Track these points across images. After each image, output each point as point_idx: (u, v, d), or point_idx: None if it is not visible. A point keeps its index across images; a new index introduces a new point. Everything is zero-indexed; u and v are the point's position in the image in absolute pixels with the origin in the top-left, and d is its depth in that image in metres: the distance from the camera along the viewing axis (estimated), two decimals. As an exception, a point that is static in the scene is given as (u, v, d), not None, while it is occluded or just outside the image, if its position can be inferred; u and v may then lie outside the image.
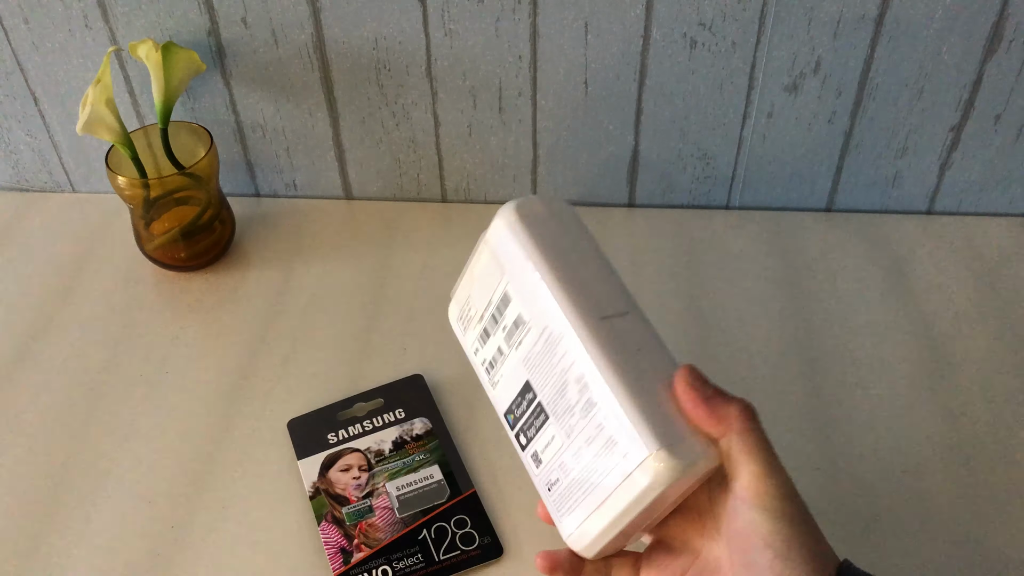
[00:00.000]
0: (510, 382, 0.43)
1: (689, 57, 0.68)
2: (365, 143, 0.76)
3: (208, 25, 0.70)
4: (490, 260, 0.44)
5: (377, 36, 0.69)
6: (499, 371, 0.44)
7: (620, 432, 0.37)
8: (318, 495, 0.56)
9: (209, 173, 0.69)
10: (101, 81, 0.65)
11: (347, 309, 0.69)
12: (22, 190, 0.83)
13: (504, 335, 0.43)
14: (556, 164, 0.76)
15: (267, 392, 0.63)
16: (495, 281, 0.43)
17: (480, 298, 0.45)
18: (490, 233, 0.44)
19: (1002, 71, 0.67)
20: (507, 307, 0.43)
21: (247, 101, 0.74)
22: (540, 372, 0.41)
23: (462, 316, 0.47)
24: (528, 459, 0.43)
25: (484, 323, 0.44)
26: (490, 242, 0.44)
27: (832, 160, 0.74)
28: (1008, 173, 0.73)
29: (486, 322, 0.44)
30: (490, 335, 0.44)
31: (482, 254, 0.44)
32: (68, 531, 0.55)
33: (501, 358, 0.43)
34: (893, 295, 0.69)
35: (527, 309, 0.41)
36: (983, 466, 0.56)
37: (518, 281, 0.42)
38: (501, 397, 0.44)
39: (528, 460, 0.43)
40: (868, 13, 0.65)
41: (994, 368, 0.63)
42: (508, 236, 0.43)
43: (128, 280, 0.72)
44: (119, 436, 0.60)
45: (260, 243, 0.76)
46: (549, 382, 0.40)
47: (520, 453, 0.43)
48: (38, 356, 0.66)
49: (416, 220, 0.78)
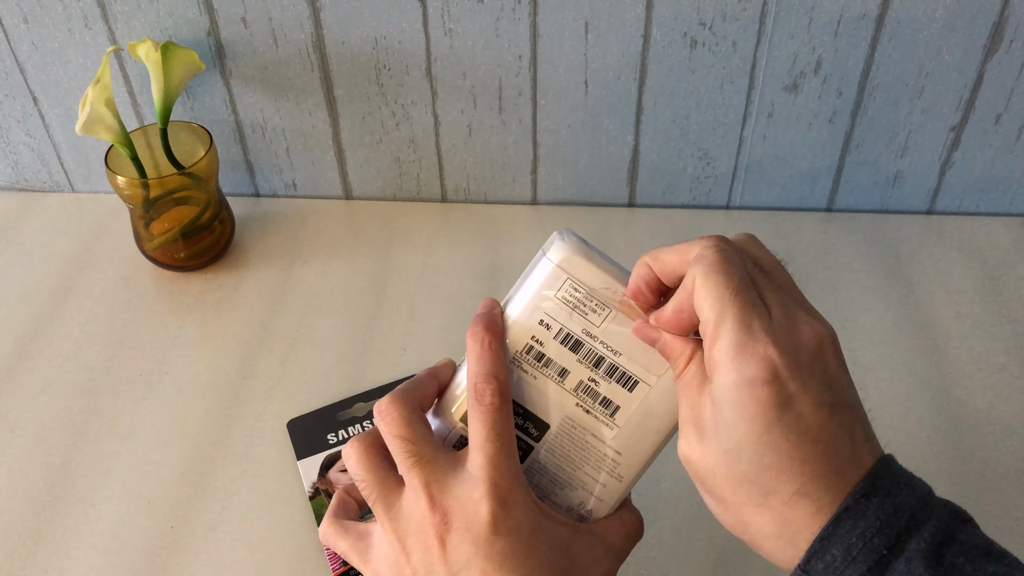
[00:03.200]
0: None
1: (689, 57, 0.68)
2: (365, 143, 0.76)
3: (207, 25, 0.70)
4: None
5: (377, 36, 0.69)
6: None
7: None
8: (318, 495, 0.56)
9: (209, 173, 0.69)
10: (100, 81, 0.65)
11: (347, 309, 0.69)
12: (21, 190, 0.83)
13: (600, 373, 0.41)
14: (556, 164, 0.76)
15: (267, 392, 0.63)
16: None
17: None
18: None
19: (1002, 71, 0.67)
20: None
21: (247, 101, 0.74)
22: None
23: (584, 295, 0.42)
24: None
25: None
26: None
27: (832, 160, 0.73)
28: (1008, 173, 0.73)
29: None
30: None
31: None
32: (68, 531, 0.55)
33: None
34: (893, 295, 0.69)
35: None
36: (983, 466, 0.56)
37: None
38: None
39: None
40: (868, 13, 0.65)
41: (994, 368, 0.63)
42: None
43: (128, 280, 0.72)
44: (119, 436, 0.60)
45: (260, 243, 0.76)
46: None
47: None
48: (38, 356, 0.66)
49: (416, 220, 0.78)
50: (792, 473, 0.34)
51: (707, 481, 0.36)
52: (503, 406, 0.38)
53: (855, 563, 0.33)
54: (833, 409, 0.34)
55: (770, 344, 0.34)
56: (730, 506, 0.36)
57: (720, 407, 0.35)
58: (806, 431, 0.34)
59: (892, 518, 0.33)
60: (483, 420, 0.38)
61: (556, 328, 0.41)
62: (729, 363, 0.34)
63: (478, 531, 0.36)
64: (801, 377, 0.34)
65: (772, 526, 0.34)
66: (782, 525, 0.34)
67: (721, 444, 0.35)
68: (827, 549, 0.33)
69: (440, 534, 0.36)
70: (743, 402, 0.34)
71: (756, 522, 0.35)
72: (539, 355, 0.41)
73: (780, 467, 0.34)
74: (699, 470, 0.36)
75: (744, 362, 0.34)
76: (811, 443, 0.34)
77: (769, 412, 0.33)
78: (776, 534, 0.34)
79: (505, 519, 0.36)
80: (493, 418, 0.38)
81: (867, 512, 0.33)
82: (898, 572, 0.32)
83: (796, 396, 0.34)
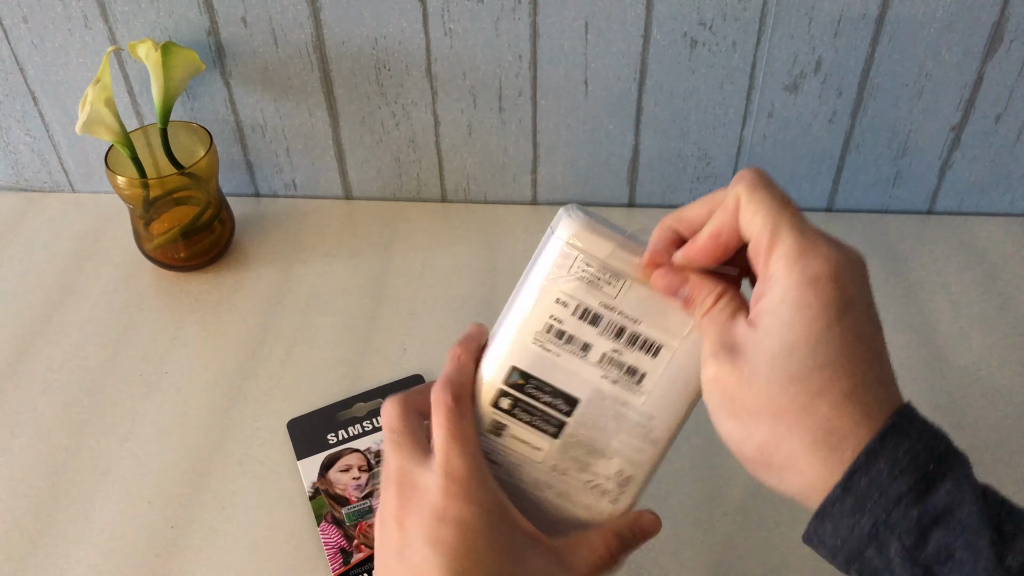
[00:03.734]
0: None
1: (689, 57, 0.68)
2: (365, 143, 0.76)
3: (208, 25, 0.70)
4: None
5: (377, 36, 0.69)
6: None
7: None
8: (318, 495, 0.56)
9: (209, 173, 0.69)
10: (100, 81, 0.65)
11: (347, 309, 0.69)
12: (21, 190, 0.83)
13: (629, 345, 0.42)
14: (556, 164, 0.76)
15: (267, 392, 0.63)
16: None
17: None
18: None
19: (1002, 71, 0.67)
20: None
21: (247, 101, 0.74)
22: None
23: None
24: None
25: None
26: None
27: (832, 160, 0.73)
28: (1008, 173, 0.73)
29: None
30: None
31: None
32: (68, 531, 0.55)
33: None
34: (893, 295, 0.69)
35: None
36: (983, 466, 0.56)
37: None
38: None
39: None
40: (869, 13, 0.65)
41: (994, 368, 0.63)
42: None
43: (128, 280, 0.72)
44: (119, 436, 0.60)
45: (260, 243, 0.76)
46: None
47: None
48: (37, 356, 0.66)
49: (416, 220, 0.78)
50: (846, 372, 0.34)
51: (739, 396, 0.35)
52: (457, 407, 0.41)
53: (903, 475, 0.32)
54: (878, 328, 0.36)
55: (831, 247, 0.35)
56: (764, 419, 0.35)
57: (776, 312, 0.35)
58: (862, 335, 0.34)
59: (934, 441, 0.33)
60: (438, 422, 0.40)
61: (573, 304, 0.41)
62: (792, 265, 0.35)
63: (427, 518, 0.38)
64: (857, 284, 0.35)
65: (815, 434, 0.34)
66: (827, 432, 0.34)
67: (769, 348, 0.35)
68: (872, 464, 0.33)
69: (399, 514, 0.39)
70: (806, 300, 0.34)
71: (796, 432, 0.34)
72: (559, 332, 0.41)
73: (836, 365, 0.34)
74: (729, 386, 0.36)
75: (808, 263, 0.34)
76: (865, 347, 0.34)
77: (831, 310, 0.34)
78: (818, 442, 0.34)
79: (451, 510, 0.38)
80: (448, 420, 0.40)
81: (911, 432, 0.33)
82: (946, 490, 0.32)
83: (855, 299, 0.35)
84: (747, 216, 0.36)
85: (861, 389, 0.34)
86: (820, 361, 0.34)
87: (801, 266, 0.34)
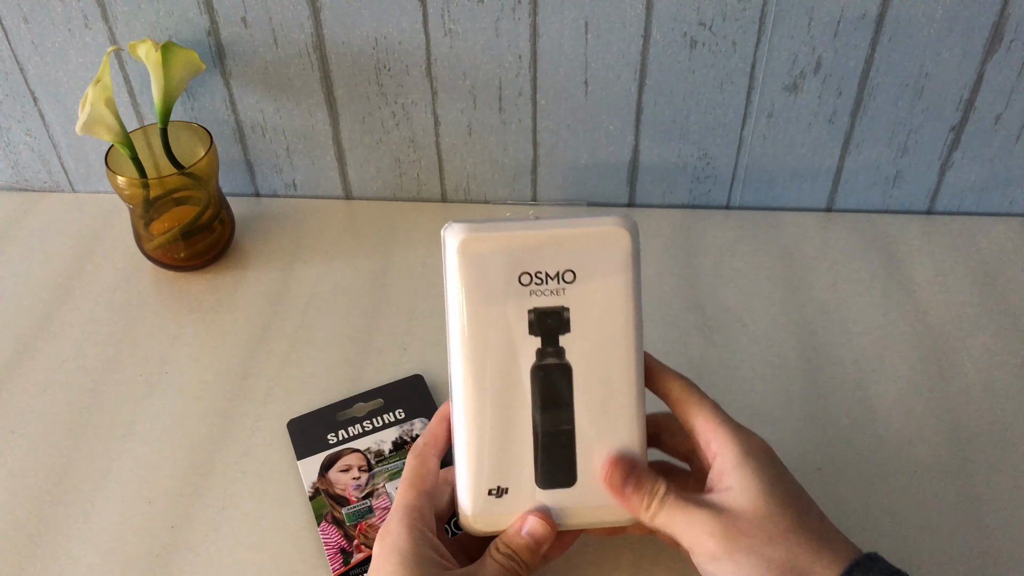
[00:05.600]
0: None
1: (689, 57, 0.68)
2: (365, 143, 0.76)
3: (208, 25, 0.70)
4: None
5: (377, 36, 0.69)
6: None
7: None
8: (318, 495, 0.56)
9: (209, 173, 0.69)
10: (100, 81, 0.65)
11: (347, 309, 0.69)
12: (21, 190, 0.83)
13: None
14: (556, 164, 0.76)
15: (267, 392, 0.63)
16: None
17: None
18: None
19: (1002, 71, 0.67)
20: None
21: (247, 101, 0.74)
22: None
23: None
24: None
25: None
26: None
27: (832, 160, 0.74)
28: (1008, 173, 0.73)
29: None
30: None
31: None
32: (68, 531, 0.55)
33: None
34: (893, 295, 0.69)
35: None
36: (984, 466, 0.57)
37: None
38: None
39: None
40: (868, 13, 0.65)
41: (994, 368, 0.63)
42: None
43: (128, 280, 0.72)
44: (119, 436, 0.60)
45: (260, 243, 0.76)
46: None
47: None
48: (37, 356, 0.66)
49: (416, 220, 0.78)
50: (809, 504, 0.43)
51: (745, 532, 0.41)
52: (412, 463, 0.47)
53: None
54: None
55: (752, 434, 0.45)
56: (778, 543, 0.41)
57: (737, 470, 0.43)
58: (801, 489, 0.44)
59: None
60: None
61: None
62: (733, 438, 0.44)
63: (377, 549, 0.45)
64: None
65: (814, 542, 0.41)
66: (821, 540, 0.41)
67: (746, 491, 0.42)
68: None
69: (378, 537, 0.46)
70: (757, 461, 0.43)
71: (802, 539, 0.41)
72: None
73: (801, 497, 0.43)
74: (728, 532, 0.41)
75: (746, 437, 0.44)
76: (808, 501, 0.43)
77: (777, 463, 0.44)
78: (818, 548, 0.41)
79: (386, 545, 0.44)
80: (405, 473, 0.47)
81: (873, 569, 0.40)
82: None
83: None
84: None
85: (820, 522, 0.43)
86: (793, 492, 0.43)
87: (741, 440, 0.44)
